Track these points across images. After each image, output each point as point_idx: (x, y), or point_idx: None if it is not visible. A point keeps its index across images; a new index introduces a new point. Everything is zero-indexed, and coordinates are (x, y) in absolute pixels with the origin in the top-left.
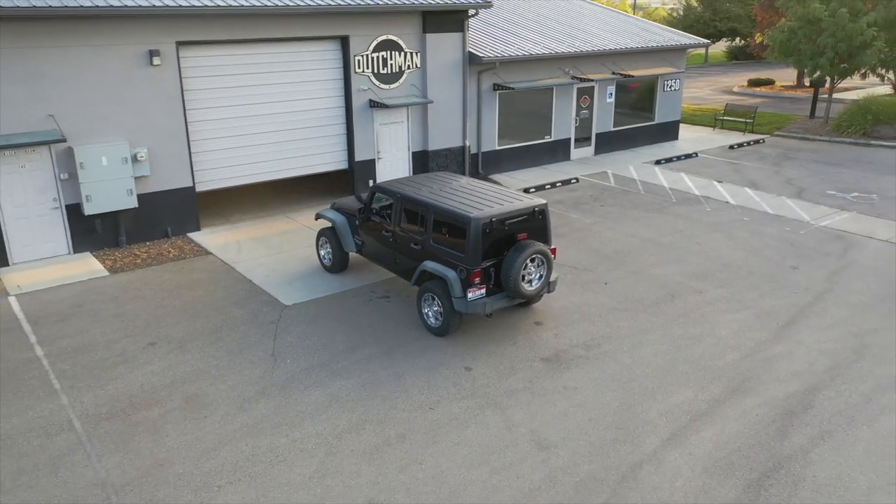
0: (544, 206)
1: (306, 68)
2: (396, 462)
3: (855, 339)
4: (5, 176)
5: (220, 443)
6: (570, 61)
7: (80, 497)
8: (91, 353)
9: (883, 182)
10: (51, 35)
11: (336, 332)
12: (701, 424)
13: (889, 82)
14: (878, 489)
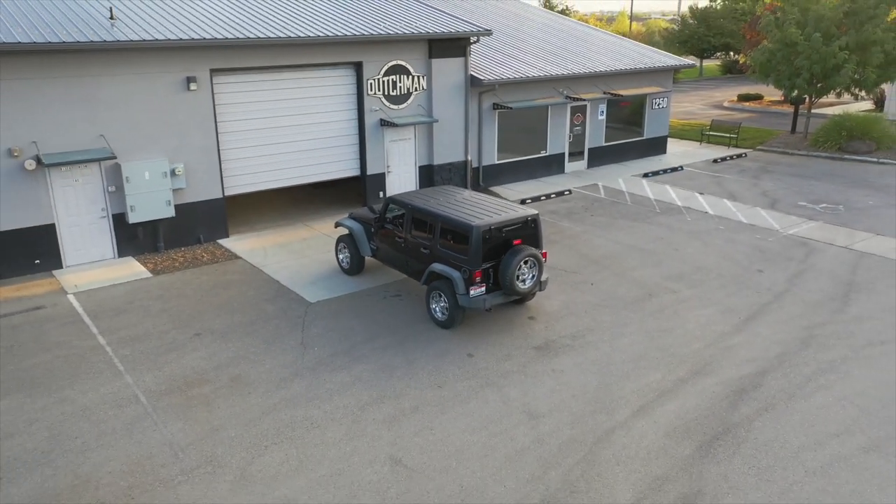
0: (536, 216)
1: (324, 92)
2: (411, 428)
3: (804, 331)
4: (61, 189)
5: (264, 413)
6: (564, 82)
7: (153, 453)
8: (146, 342)
9: (851, 194)
10: (103, 65)
11: (355, 325)
12: (666, 399)
13: (871, 98)
14: (806, 448)
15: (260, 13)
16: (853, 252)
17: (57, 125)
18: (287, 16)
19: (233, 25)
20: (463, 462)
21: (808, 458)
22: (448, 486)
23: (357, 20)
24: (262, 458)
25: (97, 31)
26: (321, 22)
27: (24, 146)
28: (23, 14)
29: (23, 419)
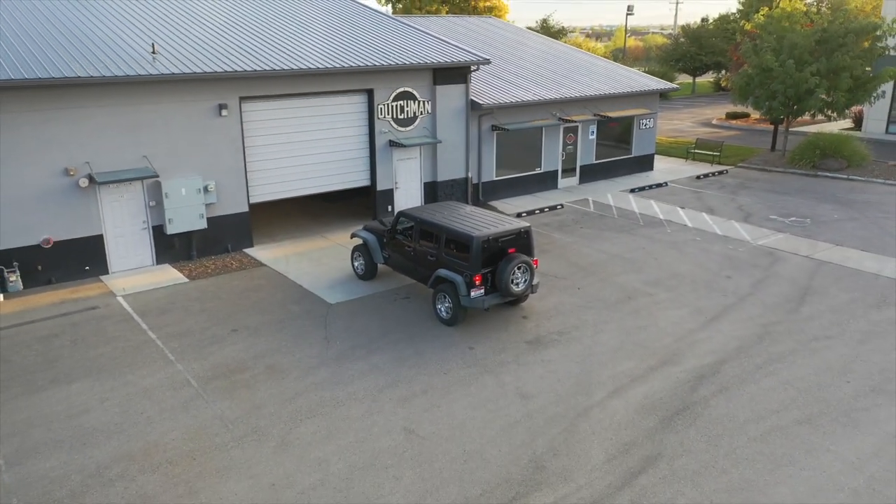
0: (528, 228)
1: (339, 116)
2: (421, 406)
3: (761, 328)
4: (109, 203)
5: (297, 394)
6: (557, 105)
7: (206, 425)
8: (190, 336)
9: (819, 208)
10: (146, 95)
11: (371, 323)
12: (637, 384)
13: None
14: (751, 421)
15: (282, 46)
16: (813, 261)
17: (106, 147)
18: (306, 48)
19: (259, 58)
20: (465, 432)
21: (751, 429)
22: (453, 450)
23: (368, 51)
24: (298, 429)
25: (142, 64)
26: (336, 53)
27: (79, 166)
28: (75, 49)
29: (95, 398)
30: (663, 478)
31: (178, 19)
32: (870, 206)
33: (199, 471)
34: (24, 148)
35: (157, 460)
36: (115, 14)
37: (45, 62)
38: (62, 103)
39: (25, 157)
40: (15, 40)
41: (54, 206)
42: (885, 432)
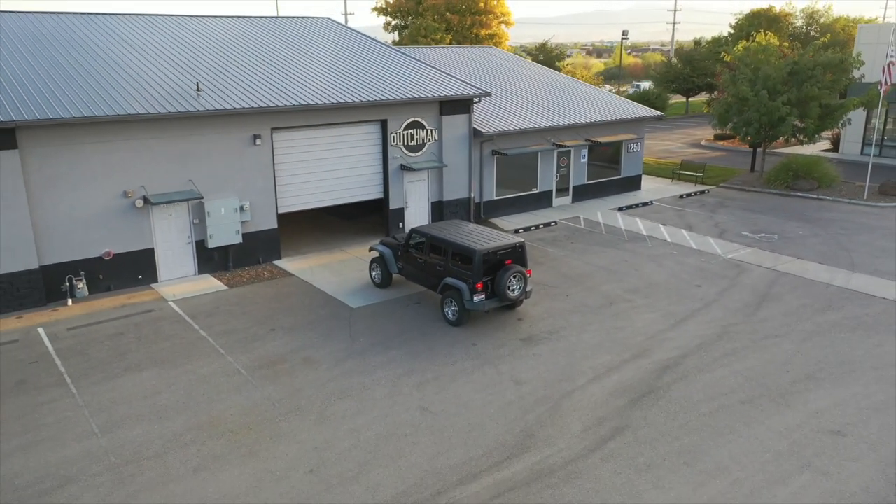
0: (523, 243)
1: (356, 143)
2: (433, 390)
3: (721, 328)
4: (159, 221)
5: (329, 381)
6: (552, 132)
7: (257, 404)
8: (236, 334)
9: (787, 225)
10: (192, 127)
11: (388, 323)
12: (612, 373)
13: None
14: (703, 401)
15: (306, 82)
16: (775, 272)
17: (158, 173)
18: (327, 83)
19: (287, 93)
20: (469, 410)
21: (703, 407)
22: (459, 423)
23: (382, 86)
24: (332, 407)
25: (189, 101)
26: (354, 88)
27: (136, 189)
28: (132, 88)
29: (163, 383)
30: (628, 443)
31: (213, 57)
32: (833, 224)
33: (255, 437)
34: (91, 174)
35: (221, 430)
36: (161, 55)
37: (109, 100)
38: (123, 135)
39: (91, 182)
40: (81, 82)
41: (114, 224)
42: (811, 410)
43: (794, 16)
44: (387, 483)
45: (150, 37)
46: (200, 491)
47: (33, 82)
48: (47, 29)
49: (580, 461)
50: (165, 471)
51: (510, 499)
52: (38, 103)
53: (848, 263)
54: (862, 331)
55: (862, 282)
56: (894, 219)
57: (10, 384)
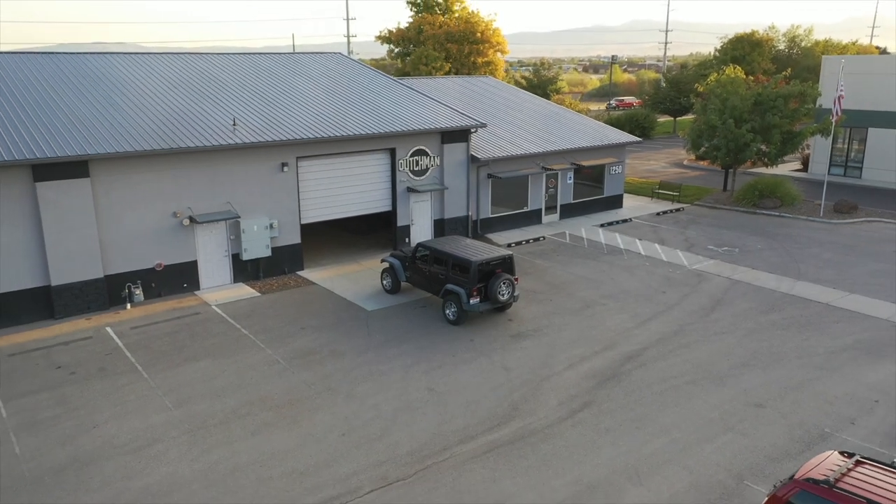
0: (511, 255)
1: (368, 168)
2: (438, 375)
3: (678, 327)
4: (202, 237)
5: (353, 368)
6: (541, 157)
7: (296, 386)
8: (272, 332)
9: (749, 240)
10: (230, 157)
11: (399, 323)
12: (585, 362)
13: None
14: (656, 383)
15: (326, 116)
16: (731, 280)
17: (202, 196)
18: (344, 117)
19: (310, 127)
20: (468, 389)
21: (655, 387)
22: (459, 400)
23: (391, 119)
24: (357, 388)
25: (227, 135)
26: (367, 121)
27: (183, 210)
28: (179, 124)
29: (217, 370)
30: (593, 414)
31: (242, 92)
32: (789, 239)
33: (297, 410)
34: (146, 197)
35: (270, 405)
36: (197, 91)
37: (161, 135)
38: (172, 165)
39: (146, 204)
40: (136, 119)
41: (164, 240)
42: (742, 389)
43: (776, 39)
44: (403, 443)
45: (185, 74)
46: (259, 448)
47: (97, 119)
48: (98, 69)
49: (555, 426)
50: (229, 434)
51: (499, 453)
52: (105, 139)
53: (795, 273)
54: (795, 328)
55: (803, 288)
56: (843, 234)
57: (93, 370)
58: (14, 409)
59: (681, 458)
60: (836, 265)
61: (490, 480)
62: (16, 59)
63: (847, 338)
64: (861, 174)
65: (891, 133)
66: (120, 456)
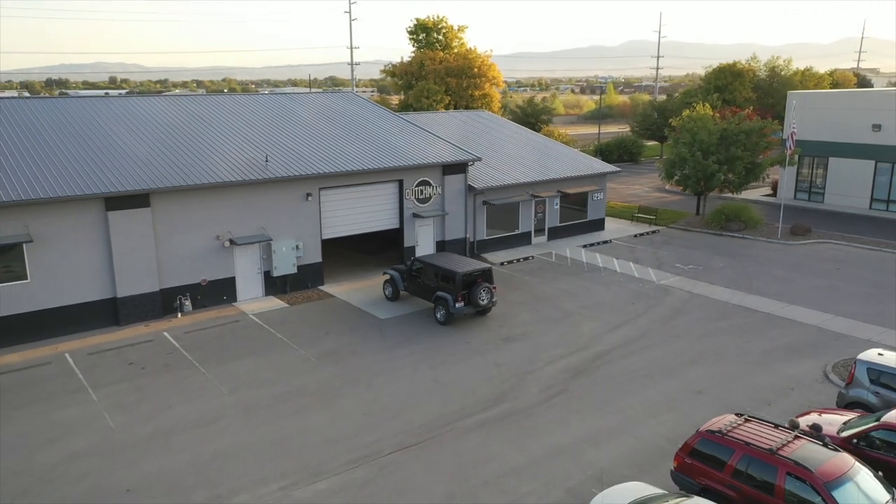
0: (490, 268)
1: (379, 197)
2: (441, 370)
3: (642, 332)
4: (239, 257)
5: (371, 364)
6: (530, 186)
7: (325, 378)
8: (302, 336)
9: (712, 259)
10: (263, 188)
11: (408, 329)
12: (562, 360)
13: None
14: (620, 375)
15: (343, 152)
16: (691, 294)
17: (239, 222)
18: (359, 153)
19: (330, 162)
20: (465, 380)
21: (618, 379)
22: (458, 388)
23: (400, 154)
24: (375, 380)
25: (262, 170)
26: (379, 156)
27: (224, 234)
28: (219, 161)
29: (259, 366)
30: (566, 399)
31: (269, 130)
32: (748, 258)
33: (329, 396)
34: (194, 223)
35: (306, 392)
36: (231, 131)
37: (206, 170)
38: (216, 196)
39: (194, 229)
40: (184, 156)
41: (208, 259)
42: (687, 380)
43: (758, 69)
44: (414, 419)
45: (219, 114)
46: (300, 423)
47: (153, 157)
48: (145, 110)
49: (535, 408)
50: (276, 413)
51: (490, 427)
52: (161, 175)
53: (747, 287)
54: (738, 333)
55: (751, 301)
56: (795, 254)
57: (159, 366)
58: (102, 395)
59: (631, 430)
60: (784, 281)
61: (482, 446)
62: (79, 102)
63: (779, 340)
64: (823, 199)
65: (849, 162)
66: (192, 429)
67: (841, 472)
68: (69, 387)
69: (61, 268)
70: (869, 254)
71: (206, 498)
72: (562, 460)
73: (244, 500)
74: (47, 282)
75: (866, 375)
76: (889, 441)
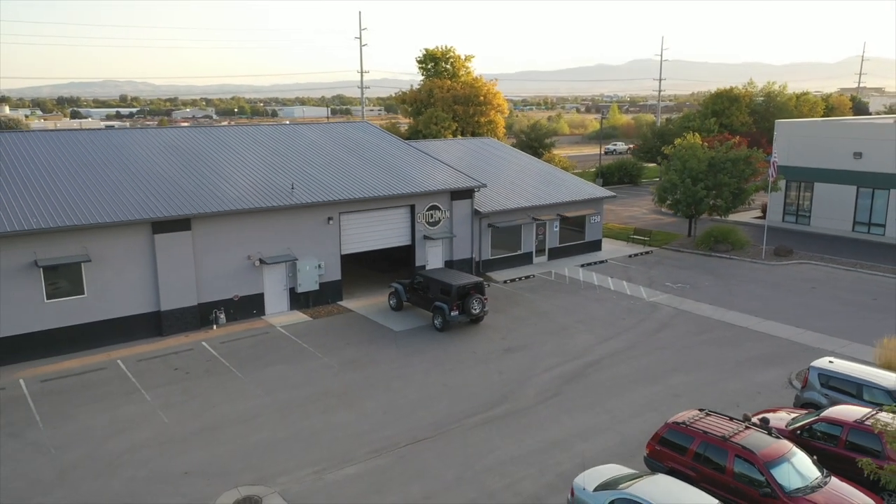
0: (481, 281)
1: (393, 222)
2: (450, 375)
3: (631, 344)
4: (267, 275)
5: (388, 371)
6: (532, 210)
7: (348, 382)
8: (325, 346)
9: (699, 278)
10: (290, 213)
11: (419, 340)
12: (557, 367)
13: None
14: (609, 381)
15: (361, 180)
16: (677, 310)
17: (268, 243)
18: (375, 181)
19: (349, 189)
20: (471, 385)
21: (607, 384)
22: (465, 392)
23: (412, 181)
24: (391, 384)
25: (288, 196)
26: (393, 184)
27: (254, 254)
28: (251, 187)
29: (289, 372)
30: (559, 400)
31: (293, 158)
32: (733, 277)
33: (352, 397)
34: (228, 244)
35: (331, 394)
36: (259, 159)
37: (238, 197)
38: (247, 219)
39: (228, 250)
40: (219, 184)
41: (240, 276)
42: (668, 385)
43: (754, 94)
44: (427, 417)
45: (247, 144)
46: (328, 420)
47: (192, 185)
48: (183, 142)
49: (532, 408)
50: (307, 412)
51: (492, 424)
52: (200, 201)
53: (729, 304)
54: (717, 345)
55: (732, 316)
56: (777, 274)
57: (201, 371)
58: (154, 395)
59: (616, 427)
60: (763, 298)
61: (486, 439)
62: (122, 134)
63: (753, 352)
64: (810, 222)
65: (833, 187)
66: (234, 425)
67: (779, 455)
68: (124, 388)
69: (113, 284)
70: (845, 274)
71: (253, 479)
72: (554, 451)
73: (285, 481)
74: (101, 296)
75: (818, 380)
76: (826, 432)
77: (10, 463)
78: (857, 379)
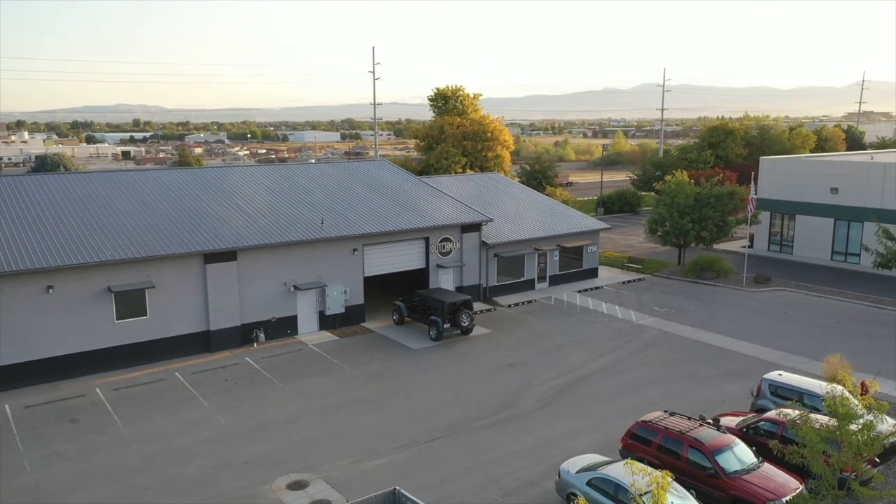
0: (469, 298)
1: (409, 251)
2: (461, 386)
3: (618, 361)
4: (300, 299)
5: (407, 383)
6: (534, 241)
7: (373, 392)
8: (352, 361)
9: (685, 304)
10: (319, 245)
11: (434, 357)
12: (553, 381)
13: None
14: (598, 392)
15: (381, 215)
16: (661, 331)
17: (301, 271)
18: (394, 216)
19: (371, 222)
20: (479, 394)
21: (595, 395)
22: (474, 400)
23: (427, 216)
24: (411, 394)
25: (318, 230)
26: (409, 218)
27: (289, 281)
28: (282, 222)
29: (323, 382)
30: (554, 407)
31: (320, 195)
32: (715, 303)
33: (376, 405)
34: (267, 273)
35: (359, 401)
36: (290, 196)
37: (276, 231)
38: (283, 251)
39: (266, 277)
40: (258, 218)
41: (277, 301)
42: (647, 396)
43: (749, 127)
44: (441, 420)
45: (277, 181)
46: (359, 422)
47: (236, 221)
48: (224, 181)
49: (530, 413)
50: (340, 415)
51: (497, 426)
52: (244, 235)
53: (708, 327)
54: (693, 362)
55: (710, 337)
56: (756, 300)
57: (247, 382)
58: (210, 402)
59: (601, 428)
60: (740, 321)
61: (491, 438)
62: (171, 173)
63: (723, 368)
64: (792, 251)
65: (812, 219)
66: (280, 425)
67: (724, 445)
68: (184, 396)
69: (171, 307)
70: (817, 300)
71: (300, 468)
72: (548, 447)
73: (327, 469)
74: (161, 317)
75: (768, 389)
76: (765, 429)
77: (103, 453)
78: (799, 388)
